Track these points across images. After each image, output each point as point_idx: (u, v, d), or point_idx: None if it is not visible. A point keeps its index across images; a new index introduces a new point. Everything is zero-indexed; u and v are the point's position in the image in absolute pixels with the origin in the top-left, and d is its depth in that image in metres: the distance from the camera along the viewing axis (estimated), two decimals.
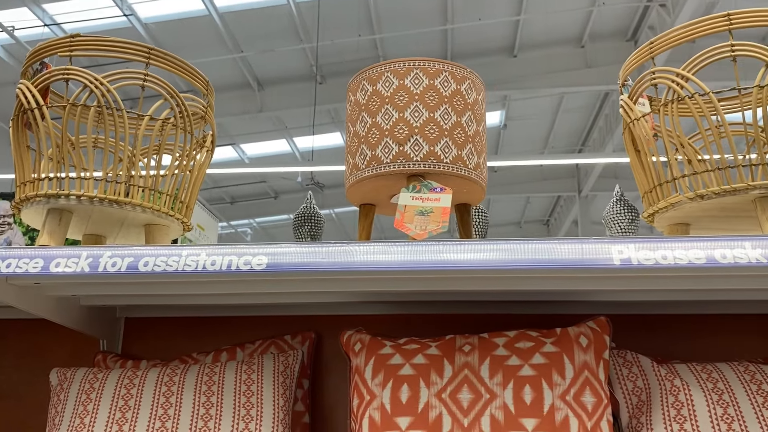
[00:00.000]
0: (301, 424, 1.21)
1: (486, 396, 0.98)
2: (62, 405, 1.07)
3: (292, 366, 1.14)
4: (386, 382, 1.02)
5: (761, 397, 0.97)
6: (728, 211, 0.94)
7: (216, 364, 1.12)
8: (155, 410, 1.03)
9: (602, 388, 0.99)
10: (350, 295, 1.22)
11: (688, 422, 0.96)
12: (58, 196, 0.92)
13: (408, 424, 0.98)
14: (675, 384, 1.00)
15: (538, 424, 0.95)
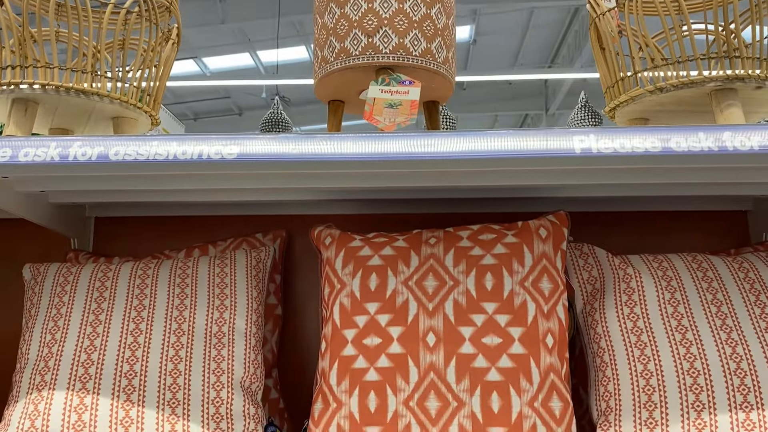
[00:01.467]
0: (274, 315, 1.26)
1: (450, 283, 1.03)
2: (37, 298, 1.09)
3: (264, 261, 1.17)
4: (356, 271, 1.07)
5: (706, 283, 1.04)
6: (686, 105, 0.97)
7: (189, 259, 1.14)
8: (130, 301, 1.06)
9: (559, 275, 1.05)
10: (319, 193, 1.24)
11: (638, 306, 1.03)
12: (22, 85, 0.91)
13: (376, 309, 1.03)
14: (627, 272, 1.06)
15: (498, 308, 1.01)
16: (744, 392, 0.93)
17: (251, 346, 1.06)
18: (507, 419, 0.96)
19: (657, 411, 0.95)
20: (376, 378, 0.99)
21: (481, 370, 0.98)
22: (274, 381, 1.24)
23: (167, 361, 1.00)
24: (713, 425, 0.92)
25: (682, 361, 0.96)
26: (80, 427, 0.94)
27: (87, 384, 0.97)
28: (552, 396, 0.97)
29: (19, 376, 1.01)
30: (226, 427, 0.98)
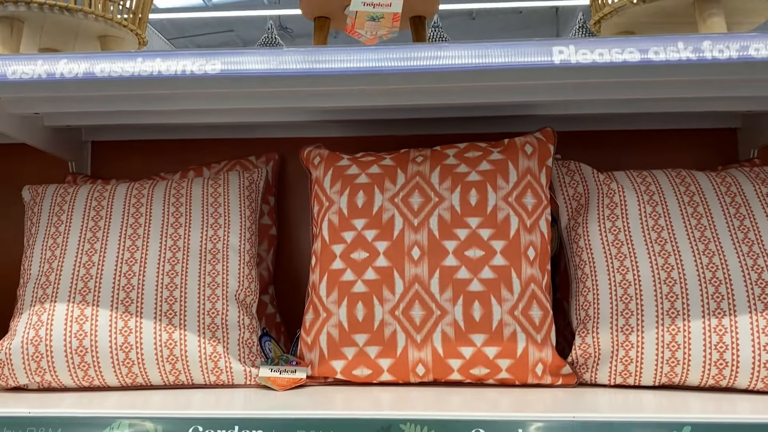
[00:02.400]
0: (269, 235, 1.30)
1: (435, 199, 1.05)
2: (37, 217, 1.12)
3: (256, 182, 1.20)
4: (343, 189, 1.09)
5: (687, 197, 1.06)
6: (671, 17, 0.97)
7: (183, 180, 1.17)
8: (126, 219, 1.09)
9: (543, 191, 1.07)
10: (310, 114, 1.25)
11: (619, 220, 1.05)
12: (7, 3, 0.91)
13: (363, 225, 1.06)
14: (611, 187, 1.08)
15: (481, 222, 1.03)
16: (718, 300, 0.96)
17: (245, 261, 1.09)
18: (488, 326, 1.00)
19: (633, 318, 0.98)
20: (363, 290, 1.03)
21: (464, 281, 1.01)
22: (270, 297, 1.29)
23: (163, 276, 1.04)
24: (686, 330, 0.96)
25: (659, 271, 0.99)
26: (81, 336, 0.99)
27: (87, 297, 1.02)
28: (532, 305, 1.01)
29: (22, 290, 1.06)
30: (221, 336, 1.03)
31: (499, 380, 1.02)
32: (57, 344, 0.98)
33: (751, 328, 0.94)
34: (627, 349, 0.98)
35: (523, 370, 1.00)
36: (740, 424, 0.79)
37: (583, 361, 1.02)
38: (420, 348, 1.01)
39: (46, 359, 0.98)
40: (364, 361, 1.02)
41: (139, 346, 0.99)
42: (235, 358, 1.03)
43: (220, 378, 1.02)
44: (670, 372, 0.97)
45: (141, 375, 1.00)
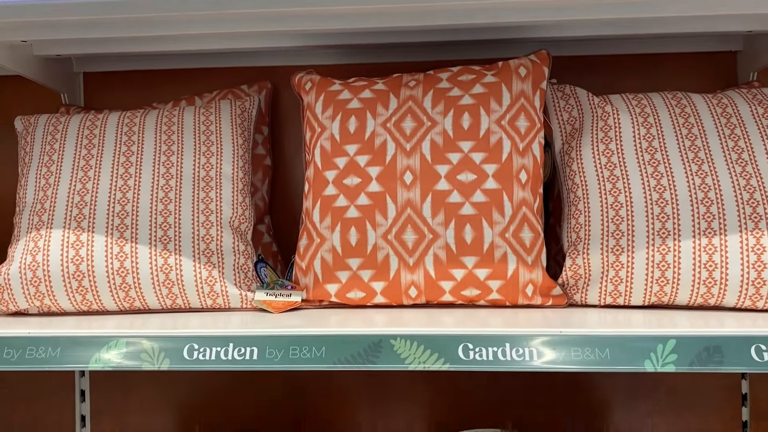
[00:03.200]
0: (263, 165, 1.30)
1: (428, 124, 1.05)
2: (30, 147, 1.12)
3: (249, 110, 1.19)
4: (335, 115, 1.08)
5: (683, 118, 1.05)
6: None
7: (175, 108, 1.16)
8: (119, 147, 1.09)
9: (536, 114, 1.06)
10: (302, 39, 1.23)
11: (613, 142, 1.05)
12: None
13: (355, 150, 1.06)
14: (606, 110, 1.07)
15: (474, 146, 1.03)
16: (708, 219, 0.96)
17: (238, 189, 1.10)
18: (479, 249, 1.01)
19: (624, 239, 0.99)
20: (356, 215, 1.04)
21: (456, 204, 1.01)
22: (266, 227, 1.30)
23: (157, 202, 1.05)
24: (676, 250, 0.96)
25: (651, 192, 0.99)
26: (78, 261, 1.00)
27: (82, 223, 1.03)
28: (523, 227, 1.01)
29: (18, 218, 1.07)
30: (216, 261, 1.04)
31: (490, 301, 1.03)
32: (54, 269, 1.00)
33: (740, 247, 0.94)
34: (617, 270, 0.99)
35: (513, 291, 1.01)
36: (724, 336, 0.80)
37: (573, 282, 1.03)
38: (412, 271, 1.02)
39: (44, 284, 1.00)
40: (357, 284, 1.04)
41: (135, 271, 1.01)
42: (230, 283, 1.05)
43: (216, 302, 1.04)
44: (660, 291, 0.98)
45: (138, 299, 1.02)
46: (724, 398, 1.32)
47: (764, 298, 0.94)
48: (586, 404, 1.34)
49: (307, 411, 1.39)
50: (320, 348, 0.86)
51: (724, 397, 1.32)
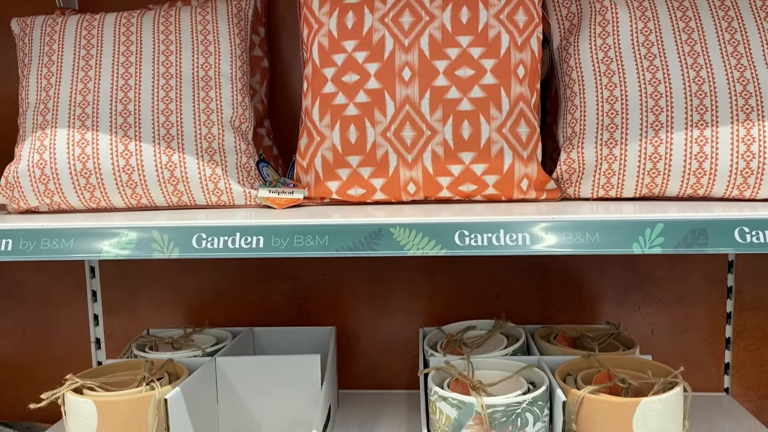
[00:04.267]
0: (261, 68, 1.30)
1: (426, 18, 1.04)
2: (28, 48, 1.12)
3: (245, 10, 1.18)
4: (332, 10, 1.08)
5: (680, 12, 1.04)
6: None
7: (171, 8, 1.15)
8: (117, 47, 1.09)
9: (535, 8, 1.05)
10: None
11: (610, 37, 1.05)
12: None
13: (353, 46, 1.06)
14: (604, 5, 1.07)
15: (472, 41, 1.03)
16: (701, 112, 0.98)
17: (238, 89, 1.11)
18: (476, 145, 1.03)
19: (618, 132, 1.01)
20: (355, 112, 1.05)
21: (454, 101, 1.03)
22: (266, 130, 1.32)
23: (158, 102, 1.06)
24: (668, 142, 0.98)
25: (646, 86, 1.00)
26: (84, 159, 1.03)
27: (86, 122, 1.04)
28: (520, 123, 1.03)
29: (22, 118, 1.09)
30: (219, 159, 1.07)
31: (486, 196, 1.06)
32: (62, 167, 1.02)
33: (731, 138, 0.96)
34: (610, 162, 1.01)
35: (509, 185, 1.05)
36: (709, 219, 0.84)
37: (567, 176, 1.06)
38: (411, 167, 1.05)
39: (53, 181, 1.03)
40: (357, 181, 1.07)
41: (140, 168, 1.03)
42: (234, 180, 1.07)
43: (221, 199, 1.07)
44: (651, 183, 1.01)
45: (145, 196, 1.05)
46: (710, 291, 1.38)
47: (751, 188, 0.97)
48: (577, 298, 1.41)
49: (310, 309, 1.46)
50: (323, 237, 0.89)
51: (710, 290, 1.38)
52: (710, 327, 1.39)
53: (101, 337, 1.48)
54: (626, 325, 1.38)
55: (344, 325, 1.45)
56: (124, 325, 1.48)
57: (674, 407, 0.93)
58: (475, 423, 0.93)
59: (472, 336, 1.25)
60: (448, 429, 0.95)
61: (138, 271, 1.46)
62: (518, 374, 1.04)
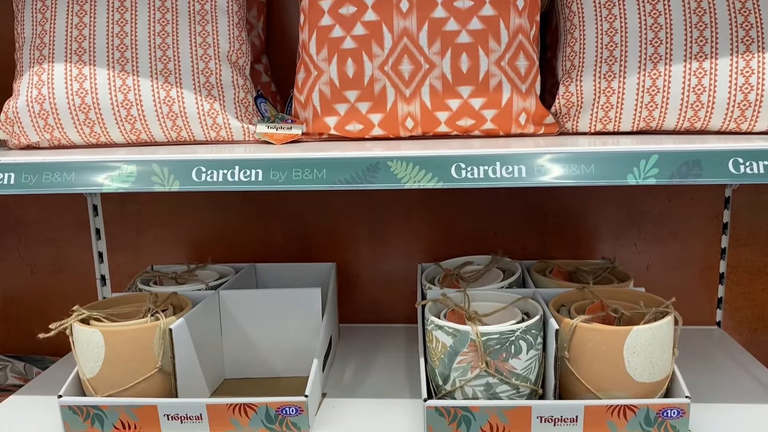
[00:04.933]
0: (257, 2, 1.28)
1: None
2: None
3: None
4: None
5: None
6: None
7: None
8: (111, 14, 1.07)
9: None
10: None
11: None
12: None
13: None
14: None
15: None
16: (701, 44, 0.97)
17: (234, 23, 1.10)
18: (475, 78, 1.03)
19: (617, 65, 1.00)
20: (352, 45, 1.04)
21: (452, 33, 1.02)
22: (264, 66, 1.31)
23: (155, 36, 1.05)
24: (667, 75, 0.98)
25: (646, 18, 0.99)
26: (83, 94, 1.03)
27: (83, 57, 1.04)
28: (519, 55, 1.03)
29: (19, 53, 1.08)
30: (216, 94, 1.07)
31: (485, 131, 1.07)
32: (60, 102, 1.03)
33: (730, 70, 0.96)
34: (608, 96, 1.01)
35: (507, 119, 1.05)
36: (704, 150, 0.84)
37: (565, 110, 1.06)
38: (409, 102, 1.05)
39: (52, 116, 1.03)
40: (355, 116, 1.07)
41: (138, 103, 1.03)
42: (232, 116, 1.08)
43: (219, 134, 1.08)
44: (648, 116, 1.01)
45: (144, 131, 1.06)
46: (706, 227, 1.40)
47: (748, 121, 0.98)
48: (574, 235, 1.42)
49: (311, 248, 1.48)
50: (321, 170, 0.90)
51: (706, 226, 1.40)
52: (704, 262, 1.41)
53: (106, 275, 1.51)
54: (622, 261, 1.40)
55: (344, 263, 1.48)
56: (128, 262, 1.51)
57: (664, 335, 0.96)
58: (470, 350, 0.96)
59: (469, 270, 1.27)
60: (444, 356, 0.98)
61: (141, 210, 1.48)
62: (513, 305, 1.06)
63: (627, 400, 0.94)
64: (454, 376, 0.97)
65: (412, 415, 1.05)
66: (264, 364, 1.22)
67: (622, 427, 0.95)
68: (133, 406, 0.98)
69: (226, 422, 0.99)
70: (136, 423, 0.99)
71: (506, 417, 0.95)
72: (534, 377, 0.99)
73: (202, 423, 0.99)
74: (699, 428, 0.98)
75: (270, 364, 1.22)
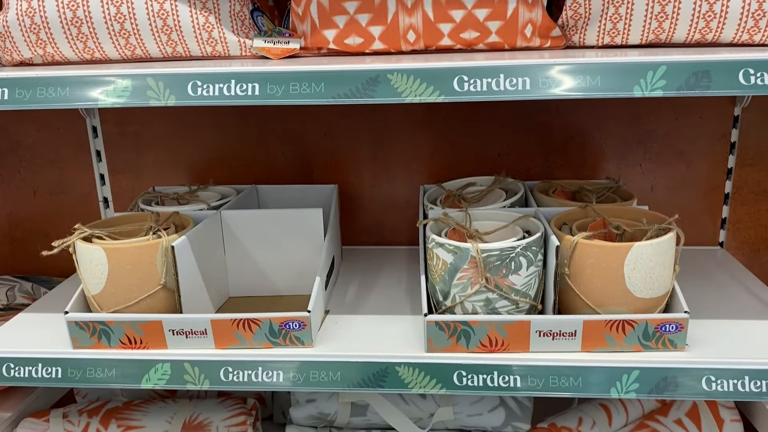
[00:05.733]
0: None
1: None
2: None
3: None
4: None
5: None
6: None
7: None
8: None
9: None
10: None
11: None
12: None
13: None
14: None
15: None
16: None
17: None
18: None
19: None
20: None
21: None
22: None
23: None
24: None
25: None
26: (74, 7, 1.00)
27: None
28: None
29: None
30: (211, 7, 1.03)
31: (489, 44, 1.03)
32: (51, 15, 1.00)
33: None
34: (617, 6, 0.97)
35: (512, 31, 1.01)
36: (713, 61, 0.82)
37: (572, 22, 1.03)
38: (410, 13, 1.01)
39: (44, 31, 1.01)
40: (355, 29, 1.04)
41: (132, 17, 1.00)
42: (228, 29, 1.04)
43: (216, 49, 1.05)
44: (658, 28, 0.97)
45: (139, 47, 1.03)
46: (713, 146, 1.37)
47: (762, 31, 0.94)
48: (579, 155, 1.41)
49: (313, 170, 1.47)
50: (319, 84, 0.88)
51: (713, 146, 1.37)
52: (710, 183, 1.40)
53: (109, 197, 1.51)
54: (626, 182, 1.39)
55: (346, 185, 1.47)
56: (130, 184, 1.50)
57: (666, 252, 0.96)
58: (470, 267, 0.96)
59: (472, 191, 1.26)
60: (444, 273, 0.98)
61: (140, 132, 1.46)
62: (514, 224, 1.06)
63: (626, 315, 0.95)
64: (454, 292, 0.98)
65: (413, 330, 1.06)
66: (267, 283, 1.23)
67: (620, 341, 0.96)
68: (139, 322, 1.00)
69: (231, 337, 1.01)
70: (142, 338, 1.01)
71: (505, 331, 0.97)
72: (533, 293, 0.99)
73: (206, 338, 1.01)
74: (696, 343, 0.99)
75: (273, 283, 1.23)
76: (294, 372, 0.99)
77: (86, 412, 1.17)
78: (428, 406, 1.14)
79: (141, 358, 1.01)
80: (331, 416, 1.15)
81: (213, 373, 1.00)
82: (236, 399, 1.24)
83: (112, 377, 1.01)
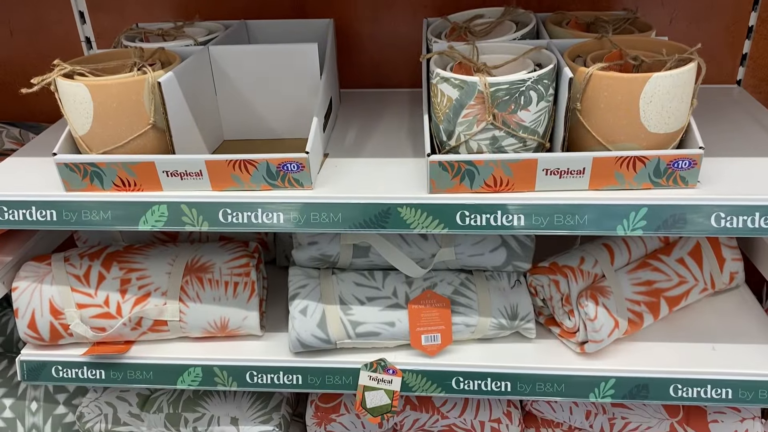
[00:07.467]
0: None
1: None
2: None
3: None
4: None
5: None
6: None
7: None
8: None
9: None
10: None
11: None
12: None
13: None
14: None
15: None
16: None
17: None
18: None
19: None
20: None
21: None
22: None
23: None
24: None
25: None
26: None
27: None
28: None
29: None
30: None
31: None
32: None
33: None
34: None
35: None
36: None
37: None
38: None
39: None
40: None
41: None
42: None
43: None
44: None
45: None
46: None
47: None
48: None
49: (306, 2, 1.36)
50: None
51: None
52: (734, 14, 1.30)
53: (91, 36, 1.42)
54: (644, 13, 1.29)
55: (343, 19, 1.37)
56: (113, 22, 1.40)
57: (685, 84, 0.90)
58: (477, 103, 0.90)
59: (480, 24, 1.17)
60: (449, 111, 0.93)
61: None
62: (525, 56, 0.99)
63: (638, 152, 0.91)
64: (459, 130, 0.93)
65: (416, 172, 1.03)
66: (263, 125, 1.18)
67: (630, 178, 0.93)
68: (131, 163, 0.96)
69: (227, 178, 0.98)
70: (135, 180, 0.98)
71: (511, 170, 0.93)
72: (542, 130, 0.94)
73: (202, 179, 0.97)
74: (708, 180, 0.96)
75: (269, 126, 1.18)
76: (294, 213, 0.97)
77: (87, 256, 1.17)
78: (430, 247, 1.14)
79: (137, 200, 0.98)
80: (333, 257, 1.14)
81: (211, 215, 0.98)
82: (238, 242, 1.24)
83: (108, 219, 0.99)
